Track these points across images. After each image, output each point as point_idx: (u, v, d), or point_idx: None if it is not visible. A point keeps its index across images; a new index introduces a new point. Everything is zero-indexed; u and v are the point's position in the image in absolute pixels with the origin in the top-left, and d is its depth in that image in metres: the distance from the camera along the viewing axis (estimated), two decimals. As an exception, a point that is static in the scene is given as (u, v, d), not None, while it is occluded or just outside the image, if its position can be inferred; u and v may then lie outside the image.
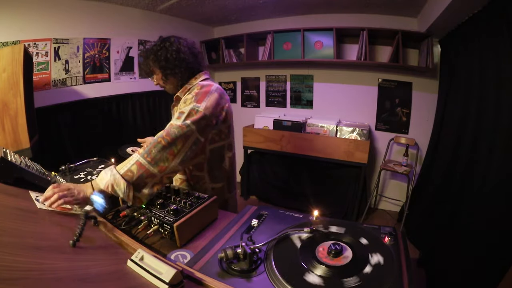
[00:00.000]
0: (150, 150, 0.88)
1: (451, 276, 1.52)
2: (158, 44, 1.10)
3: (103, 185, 0.83)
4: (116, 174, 0.84)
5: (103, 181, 0.84)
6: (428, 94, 2.56)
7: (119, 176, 0.84)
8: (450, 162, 1.97)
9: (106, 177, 0.84)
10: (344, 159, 2.56)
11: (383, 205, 2.97)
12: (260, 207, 0.94)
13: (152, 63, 1.09)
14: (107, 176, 0.84)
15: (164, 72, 1.09)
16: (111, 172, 0.85)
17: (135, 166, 0.86)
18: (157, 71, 1.11)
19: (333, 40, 2.60)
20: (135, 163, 0.87)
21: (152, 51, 1.09)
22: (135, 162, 0.87)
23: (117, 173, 0.84)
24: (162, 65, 1.08)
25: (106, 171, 0.86)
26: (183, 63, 1.08)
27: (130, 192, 0.84)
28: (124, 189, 0.83)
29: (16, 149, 1.37)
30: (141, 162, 0.87)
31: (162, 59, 1.07)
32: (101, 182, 0.84)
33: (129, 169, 0.86)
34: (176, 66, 1.07)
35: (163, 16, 2.82)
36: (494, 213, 1.33)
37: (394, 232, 0.74)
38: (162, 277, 0.51)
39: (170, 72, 1.08)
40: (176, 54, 1.07)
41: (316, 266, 0.61)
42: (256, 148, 3.03)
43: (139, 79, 2.74)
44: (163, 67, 1.08)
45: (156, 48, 1.09)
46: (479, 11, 1.63)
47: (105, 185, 0.83)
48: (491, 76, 1.55)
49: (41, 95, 1.99)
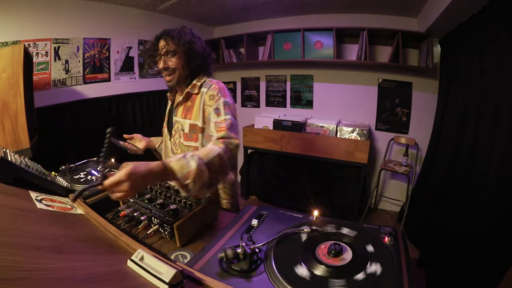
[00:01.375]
0: (227, 147, 0.87)
1: (451, 276, 1.52)
2: (189, 31, 1.09)
3: (182, 174, 0.74)
4: (202, 165, 0.76)
5: (184, 170, 0.74)
6: (428, 94, 2.56)
7: (204, 168, 0.77)
8: (450, 162, 1.97)
9: (188, 166, 0.75)
10: (344, 159, 2.56)
11: (383, 205, 2.97)
12: (260, 207, 0.94)
13: (182, 44, 1.04)
14: (189, 166, 0.75)
15: (188, 58, 1.06)
16: (195, 162, 0.76)
17: (216, 159, 0.81)
18: (180, 54, 1.06)
19: (333, 40, 2.60)
20: (217, 155, 0.82)
21: (186, 34, 1.06)
22: (217, 154, 0.82)
23: (203, 163, 0.77)
24: (193, 50, 1.06)
25: (186, 159, 0.76)
26: (207, 60, 1.12)
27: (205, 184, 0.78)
28: (206, 182, 0.78)
29: (16, 149, 1.37)
30: (222, 156, 0.83)
31: (194, 46, 1.06)
32: (181, 171, 0.74)
33: (211, 160, 0.79)
34: (201, 58, 1.09)
35: (163, 16, 2.82)
36: (494, 213, 1.33)
37: (394, 232, 0.74)
38: (162, 277, 0.51)
39: (192, 60, 1.07)
40: (203, 49, 1.11)
41: (316, 266, 0.61)
42: (256, 148, 3.03)
43: (139, 79, 2.74)
44: (192, 53, 1.06)
45: (191, 33, 1.08)
46: (479, 11, 1.63)
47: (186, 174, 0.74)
48: (491, 76, 1.55)
49: (41, 95, 1.99)
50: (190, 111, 1.09)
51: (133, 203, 0.88)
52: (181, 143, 1.11)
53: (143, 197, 0.91)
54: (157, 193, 0.95)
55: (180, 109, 1.14)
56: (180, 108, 1.14)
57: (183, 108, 1.13)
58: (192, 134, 1.08)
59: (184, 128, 1.10)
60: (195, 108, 1.08)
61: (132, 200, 0.90)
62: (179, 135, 1.12)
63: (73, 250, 0.59)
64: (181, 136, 1.11)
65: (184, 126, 1.11)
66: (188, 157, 0.77)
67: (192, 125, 1.08)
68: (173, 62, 1.06)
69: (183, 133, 1.11)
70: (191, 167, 0.75)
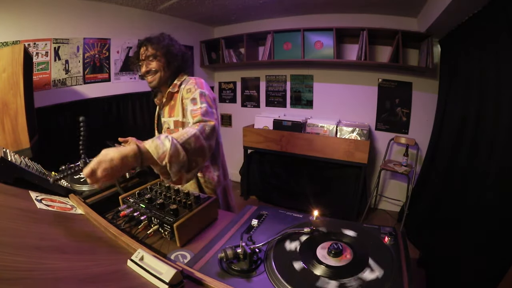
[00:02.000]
0: (203, 127, 0.87)
1: (451, 276, 1.52)
2: (167, 36, 1.18)
3: (158, 155, 0.75)
4: (177, 144, 0.77)
5: (159, 150, 0.75)
6: (428, 94, 2.56)
7: (180, 147, 0.77)
8: (450, 162, 1.97)
9: (163, 146, 0.76)
10: (344, 159, 2.56)
11: (383, 205, 2.97)
12: (260, 207, 0.94)
13: (161, 48, 1.13)
14: (165, 146, 0.76)
15: (167, 60, 1.15)
16: (169, 141, 0.76)
17: (193, 139, 0.81)
18: (160, 57, 1.15)
19: (333, 40, 2.60)
20: (193, 135, 0.82)
21: (164, 39, 1.15)
22: (192, 135, 0.82)
23: (178, 143, 0.78)
24: (171, 52, 1.15)
25: (161, 139, 0.77)
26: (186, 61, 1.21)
27: (184, 166, 0.79)
28: (184, 161, 0.78)
29: (16, 149, 1.37)
30: (198, 136, 0.83)
31: (172, 48, 1.15)
32: (156, 152, 0.75)
33: (187, 140, 0.80)
34: (179, 60, 1.17)
35: (163, 16, 2.82)
36: (494, 213, 1.33)
37: (394, 232, 0.74)
38: (162, 277, 0.51)
39: (172, 63, 1.16)
40: (182, 51, 1.20)
41: (316, 266, 0.61)
42: (256, 148, 3.03)
43: (139, 79, 2.74)
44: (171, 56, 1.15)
45: (168, 38, 1.17)
46: (479, 11, 1.63)
47: (161, 155, 0.75)
48: (491, 76, 1.55)
49: (41, 95, 1.99)
50: (174, 109, 1.17)
51: (133, 203, 0.88)
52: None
53: (143, 197, 0.91)
54: (157, 193, 0.95)
55: (166, 109, 1.21)
56: (166, 109, 1.22)
57: (168, 108, 1.20)
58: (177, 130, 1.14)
59: (170, 126, 1.18)
60: (177, 105, 1.15)
61: (132, 200, 0.90)
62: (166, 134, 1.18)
63: (73, 250, 0.59)
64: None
65: (170, 124, 1.18)
66: (162, 138, 0.78)
67: (175, 121, 1.15)
68: (154, 65, 1.14)
69: (167, 130, 1.18)
70: (166, 147, 0.76)
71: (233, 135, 3.58)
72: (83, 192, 0.99)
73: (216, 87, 3.74)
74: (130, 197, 0.93)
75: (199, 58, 3.41)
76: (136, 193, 0.94)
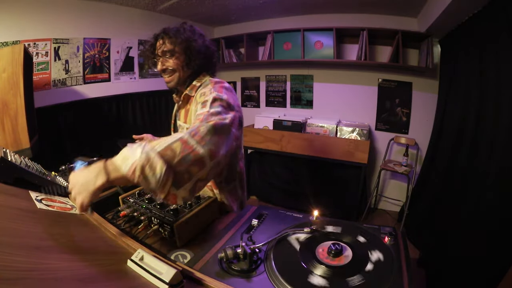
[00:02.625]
0: (197, 128, 0.67)
1: (451, 276, 1.52)
2: (188, 28, 0.99)
3: (127, 167, 0.57)
4: (150, 151, 0.58)
5: (128, 161, 0.58)
6: (428, 94, 2.56)
7: (154, 154, 0.58)
8: (450, 162, 1.97)
9: (132, 155, 0.58)
10: (344, 159, 2.55)
11: (383, 205, 2.97)
12: (260, 207, 0.94)
13: (180, 43, 0.95)
14: (134, 155, 0.58)
15: (187, 57, 0.96)
16: (142, 149, 0.59)
17: (178, 143, 0.63)
18: (179, 54, 0.97)
19: (333, 40, 2.60)
20: (179, 140, 0.63)
21: (185, 31, 0.97)
22: (178, 139, 0.64)
23: (152, 149, 0.59)
24: (192, 49, 0.96)
25: (132, 148, 0.60)
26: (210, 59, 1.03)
27: (168, 180, 0.59)
28: (161, 175, 0.57)
29: (16, 149, 1.37)
30: (186, 139, 0.64)
31: (194, 44, 0.97)
32: (125, 163, 0.58)
33: (168, 146, 0.62)
34: (202, 57, 0.99)
35: (163, 16, 2.82)
36: (494, 213, 1.33)
37: (394, 232, 0.74)
38: (162, 277, 0.51)
39: (194, 61, 0.97)
40: (206, 47, 1.01)
41: (316, 266, 0.61)
42: (256, 148, 3.03)
43: (139, 79, 2.74)
44: (192, 52, 0.96)
45: (190, 30, 0.98)
46: (479, 11, 1.63)
47: (130, 167, 0.57)
48: (491, 76, 1.55)
49: (41, 95, 1.99)
50: (188, 115, 1.02)
51: (133, 203, 0.88)
52: None
53: (143, 197, 0.91)
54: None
55: (182, 112, 1.07)
56: (182, 112, 1.07)
57: (184, 111, 1.06)
58: None
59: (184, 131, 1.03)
60: (191, 111, 0.98)
61: (132, 200, 0.90)
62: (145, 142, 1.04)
63: (73, 250, 0.59)
64: None
65: (184, 130, 1.01)
66: (134, 146, 0.61)
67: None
68: (171, 63, 0.97)
69: None
70: (136, 156, 0.58)
71: (233, 135, 3.58)
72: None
73: (216, 87, 3.73)
74: (130, 197, 0.93)
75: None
76: (136, 193, 0.94)
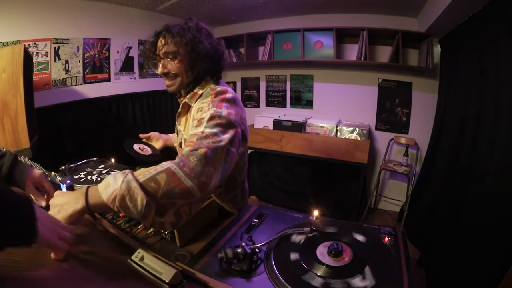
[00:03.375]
0: (187, 158, 0.63)
1: (451, 276, 1.52)
2: (194, 26, 0.87)
3: (107, 195, 0.57)
4: (132, 181, 0.57)
5: (108, 189, 0.57)
6: (428, 94, 2.56)
7: (136, 185, 0.57)
8: (450, 162, 1.97)
9: (114, 184, 0.57)
10: (344, 159, 2.56)
11: (383, 205, 2.97)
12: (260, 207, 0.94)
13: (184, 44, 0.84)
14: (116, 183, 0.57)
15: (192, 61, 0.86)
16: (123, 178, 0.57)
17: (163, 175, 0.59)
18: (182, 57, 0.86)
19: (333, 40, 2.60)
20: (165, 171, 0.60)
21: (190, 30, 0.85)
22: (164, 169, 0.61)
23: (134, 179, 0.57)
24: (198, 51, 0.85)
25: (116, 176, 0.58)
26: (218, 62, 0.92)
27: (150, 212, 0.58)
28: (142, 207, 0.56)
29: (16, 149, 1.37)
30: (173, 171, 0.60)
31: (200, 45, 0.85)
32: (105, 190, 0.57)
33: (153, 177, 0.59)
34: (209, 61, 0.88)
35: (163, 16, 2.82)
36: (494, 213, 1.33)
37: (394, 232, 0.74)
38: (162, 277, 0.51)
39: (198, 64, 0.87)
40: (214, 49, 0.89)
41: (317, 266, 0.61)
42: (256, 148, 3.03)
43: (139, 79, 2.74)
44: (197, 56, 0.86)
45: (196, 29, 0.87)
46: (479, 11, 1.63)
47: (110, 195, 0.56)
48: (491, 76, 1.55)
49: (41, 95, 1.99)
50: (187, 124, 0.94)
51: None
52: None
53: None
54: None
55: (182, 119, 0.99)
56: (182, 118, 0.99)
57: (184, 119, 0.98)
58: None
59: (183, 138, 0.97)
60: (189, 122, 0.89)
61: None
62: (180, 146, 0.99)
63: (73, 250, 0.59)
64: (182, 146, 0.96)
65: (183, 136, 0.97)
66: (118, 174, 0.59)
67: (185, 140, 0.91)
68: (174, 66, 0.87)
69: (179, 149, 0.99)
70: (117, 185, 0.56)
71: (233, 135, 3.58)
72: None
73: (216, 87, 3.73)
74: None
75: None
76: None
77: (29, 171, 0.74)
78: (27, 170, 0.73)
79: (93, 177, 1.14)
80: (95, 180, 1.11)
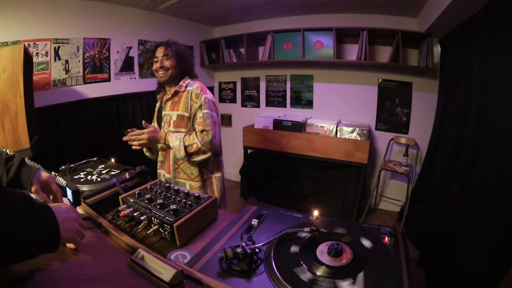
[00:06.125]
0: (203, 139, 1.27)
1: (451, 276, 1.52)
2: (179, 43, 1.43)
3: (171, 145, 1.27)
4: (182, 146, 1.25)
5: (173, 143, 1.27)
6: (428, 94, 2.56)
7: (183, 148, 1.25)
8: (450, 162, 1.97)
9: (175, 143, 1.26)
10: (344, 159, 2.56)
11: (383, 205, 2.97)
12: (260, 207, 0.94)
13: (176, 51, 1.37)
14: (175, 143, 1.26)
15: (179, 62, 1.38)
16: (179, 142, 1.25)
17: (195, 146, 1.26)
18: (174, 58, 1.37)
19: (333, 40, 2.60)
20: (196, 144, 1.26)
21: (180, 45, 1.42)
22: (196, 143, 1.26)
23: (183, 144, 1.25)
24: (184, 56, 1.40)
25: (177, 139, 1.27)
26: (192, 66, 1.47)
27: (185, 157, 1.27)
28: (182, 156, 1.26)
29: (16, 149, 1.37)
30: (199, 145, 1.26)
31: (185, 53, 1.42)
32: (172, 143, 1.27)
33: (191, 144, 1.26)
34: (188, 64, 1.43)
35: (163, 16, 2.82)
36: (494, 213, 1.33)
37: (394, 232, 0.74)
38: (162, 277, 0.51)
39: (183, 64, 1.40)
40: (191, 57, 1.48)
41: (317, 266, 0.61)
42: (256, 148, 3.03)
43: (139, 79, 2.74)
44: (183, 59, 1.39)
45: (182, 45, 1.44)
46: (479, 11, 1.63)
47: (173, 147, 1.27)
48: (491, 76, 1.55)
49: (41, 95, 1.99)
50: (177, 105, 1.37)
51: (133, 203, 0.88)
52: (169, 131, 1.37)
53: (143, 197, 0.91)
54: (157, 193, 0.95)
55: (169, 104, 1.41)
56: (168, 103, 1.41)
57: (170, 103, 1.40)
58: (181, 122, 1.35)
59: (172, 117, 1.37)
60: (182, 102, 1.36)
61: (132, 200, 0.90)
62: (168, 125, 1.39)
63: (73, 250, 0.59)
64: (170, 125, 1.38)
65: (172, 116, 1.37)
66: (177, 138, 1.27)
67: (179, 115, 1.35)
68: (168, 63, 1.36)
69: (172, 121, 1.37)
70: (175, 144, 1.27)
71: (233, 135, 3.58)
72: (83, 192, 0.99)
73: (216, 87, 3.73)
74: (130, 197, 0.93)
75: (199, 58, 3.41)
76: (136, 193, 0.94)
77: (37, 173, 0.74)
78: (34, 173, 0.73)
79: (93, 177, 1.14)
80: (95, 180, 1.11)
